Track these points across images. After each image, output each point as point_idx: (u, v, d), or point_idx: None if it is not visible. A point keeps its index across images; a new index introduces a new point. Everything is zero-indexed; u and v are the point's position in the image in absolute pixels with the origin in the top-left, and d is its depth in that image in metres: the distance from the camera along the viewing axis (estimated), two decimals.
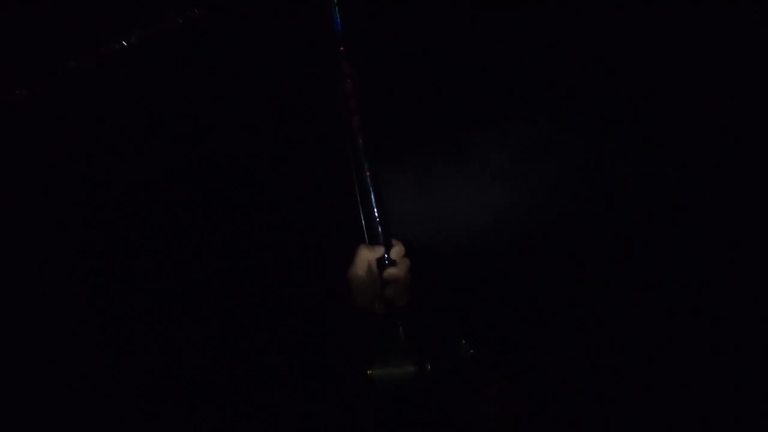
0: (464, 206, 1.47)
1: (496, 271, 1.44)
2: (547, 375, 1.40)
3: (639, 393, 1.42)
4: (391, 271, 1.25)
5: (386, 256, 1.26)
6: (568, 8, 1.59)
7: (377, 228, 1.25)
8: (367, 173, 1.24)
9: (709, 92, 1.60)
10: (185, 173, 1.67)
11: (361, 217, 1.25)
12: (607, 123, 1.59)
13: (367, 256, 1.25)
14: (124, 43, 1.92)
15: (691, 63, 1.62)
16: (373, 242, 1.25)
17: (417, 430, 1.26)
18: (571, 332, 1.43)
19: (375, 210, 1.24)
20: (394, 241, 1.26)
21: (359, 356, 1.26)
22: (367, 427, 1.24)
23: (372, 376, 1.24)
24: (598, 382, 1.41)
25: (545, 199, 1.51)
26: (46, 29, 1.89)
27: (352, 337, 1.28)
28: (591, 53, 1.60)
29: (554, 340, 1.42)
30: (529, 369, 1.39)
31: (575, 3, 1.60)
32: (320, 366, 1.31)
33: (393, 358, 1.26)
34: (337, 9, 1.21)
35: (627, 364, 1.43)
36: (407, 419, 1.25)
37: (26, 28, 1.89)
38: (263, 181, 1.61)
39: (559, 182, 1.52)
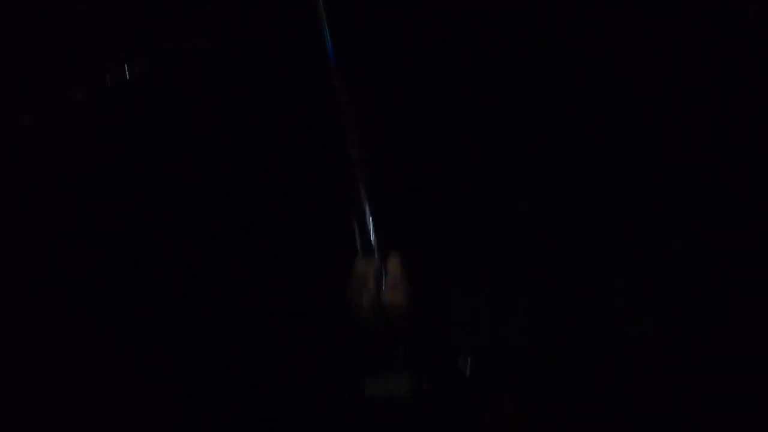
0: (465, 214, 1.44)
1: (499, 283, 1.40)
2: (550, 393, 1.34)
3: (643, 413, 1.35)
4: (388, 290, 1.22)
5: (383, 269, 1.23)
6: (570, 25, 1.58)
7: (372, 240, 1.23)
8: (360, 182, 1.22)
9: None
10: (176, 186, 1.68)
11: (355, 229, 1.23)
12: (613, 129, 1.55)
13: (361, 272, 1.22)
14: (126, 73, 1.96)
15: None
16: (368, 254, 1.23)
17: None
18: (574, 350, 1.38)
19: (369, 220, 1.22)
20: (391, 253, 1.24)
21: (355, 372, 1.22)
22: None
23: (368, 393, 1.20)
24: (602, 400, 1.35)
25: (549, 208, 1.47)
26: (49, 60, 1.93)
27: (347, 352, 1.25)
28: (604, 68, 1.56)
29: (557, 357, 1.36)
30: (530, 387, 1.33)
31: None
32: (316, 382, 1.28)
33: (390, 374, 1.22)
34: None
35: (631, 383, 1.37)
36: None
37: (30, 58, 1.94)
38: (254, 193, 1.60)
39: (565, 191, 1.48)
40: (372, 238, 1.23)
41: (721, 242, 1.46)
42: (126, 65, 1.93)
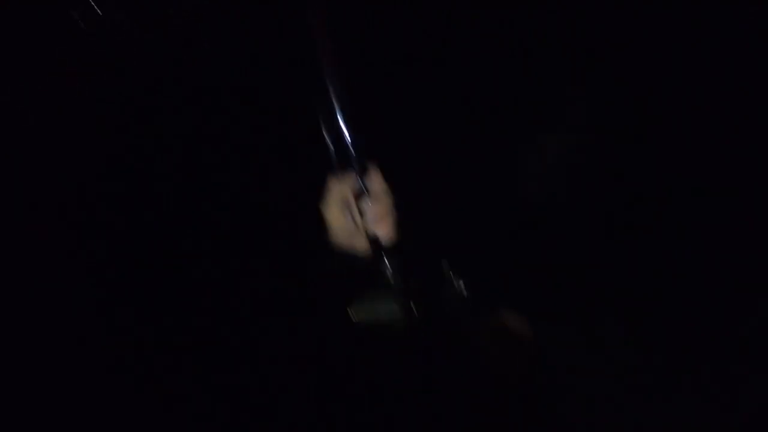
0: (452, 123, 1.27)
1: (492, 196, 1.25)
2: (551, 314, 1.23)
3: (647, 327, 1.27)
4: (370, 204, 1.09)
5: (363, 186, 1.10)
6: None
7: (349, 154, 1.08)
8: (331, 90, 1.05)
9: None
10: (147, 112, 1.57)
11: (328, 143, 1.08)
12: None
13: (339, 192, 1.09)
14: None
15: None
16: (345, 171, 1.09)
17: (409, 379, 1.12)
18: (574, 269, 1.26)
19: (345, 132, 1.07)
20: (371, 171, 1.09)
21: (342, 299, 1.12)
22: (352, 375, 1.12)
23: (357, 321, 1.11)
24: (604, 317, 1.25)
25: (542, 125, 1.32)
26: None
27: (333, 280, 1.14)
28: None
29: (558, 275, 1.24)
30: (531, 308, 1.22)
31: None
32: (301, 312, 1.18)
33: (379, 300, 1.12)
34: None
35: (635, 304, 1.27)
36: (398, 368, 1.11)
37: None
38: (218, 110, 1.47)
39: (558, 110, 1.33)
40: (350, 153, 1.08)
41: (721, 242, 1.36)
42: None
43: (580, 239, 1.29)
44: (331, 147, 1.08)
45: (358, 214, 1.10)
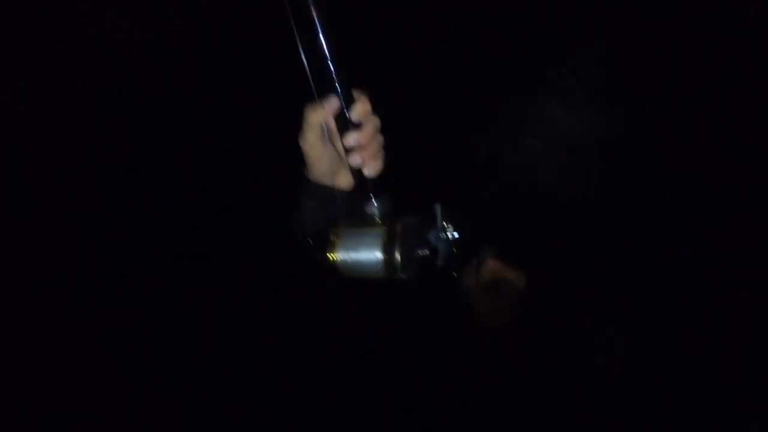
0: (446, 42, 1.18)
1: (487, 128, 1.15)
2: (543, 257, 1.11)
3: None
4: (354, 135, 0.99)
5: (346, 114, 1.00)
6: None
7: (331, 78, 0.99)
8: (313, 9, 0.98)
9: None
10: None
11: (305, 66, 0.99)
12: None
13: (318, 120, 1.00)
14: None
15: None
16: (325, 97, 1.00)
17: (394, 325, 1.00)
18: (570, 213, 1.15)
19: (326, 53, 0.98)
20: (355, 95, 1.00)
21: (321, 239, 1.01)
22: (331, 319, 0.99)
23: (336, 263, 0.99)
24: (598, 267, 1.13)
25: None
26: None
27: (311, 219, 1.03)
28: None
29: (552, 220, 1.13)
30: (523, 250, 1.09)
31: None
32: (279, 254, 1.07)
33: (361, 240, 1.00)
34: None
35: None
36: (379, 313, 0.99)
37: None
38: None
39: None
40: (331, 77, 0.99)
41: (721, 242, 1.29)
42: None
43: (573, 196, 1.19)
44: (309, 73, 0.99)
45: (341, 142, 1.01)
